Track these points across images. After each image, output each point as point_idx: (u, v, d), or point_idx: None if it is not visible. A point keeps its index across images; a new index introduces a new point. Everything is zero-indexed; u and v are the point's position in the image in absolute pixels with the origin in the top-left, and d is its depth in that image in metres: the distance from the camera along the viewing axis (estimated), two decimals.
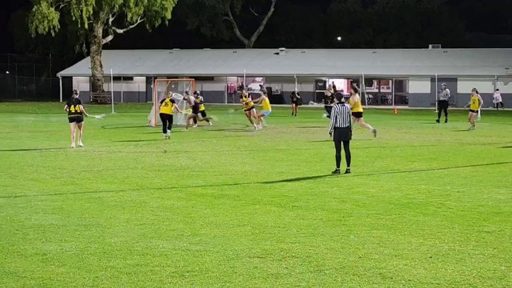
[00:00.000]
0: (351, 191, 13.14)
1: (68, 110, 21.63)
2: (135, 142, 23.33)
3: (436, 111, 36.22)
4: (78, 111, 21.42)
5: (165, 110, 25.18)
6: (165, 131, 24.55)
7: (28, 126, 31.00)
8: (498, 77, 55.65)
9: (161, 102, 25.94)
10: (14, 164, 17.22)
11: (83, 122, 21.75)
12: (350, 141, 15.97)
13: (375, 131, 24.53)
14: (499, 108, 51.91)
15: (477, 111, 29.74)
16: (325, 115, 31.09)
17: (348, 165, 15.66)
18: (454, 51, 63.01)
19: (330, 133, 15.94)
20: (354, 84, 31.70)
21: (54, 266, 7.92)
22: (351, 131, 15.88)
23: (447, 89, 34.59)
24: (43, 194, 12.71)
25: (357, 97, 24.81)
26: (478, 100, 29.57)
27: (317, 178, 14.88)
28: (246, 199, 12.27)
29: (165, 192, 13.04)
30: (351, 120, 15.84)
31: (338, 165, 15.56)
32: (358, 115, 24.36)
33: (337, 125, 15.55)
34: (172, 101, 25.61)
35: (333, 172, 15.56)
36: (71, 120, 21.44)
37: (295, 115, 40.08)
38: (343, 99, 15.92)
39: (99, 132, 27.75)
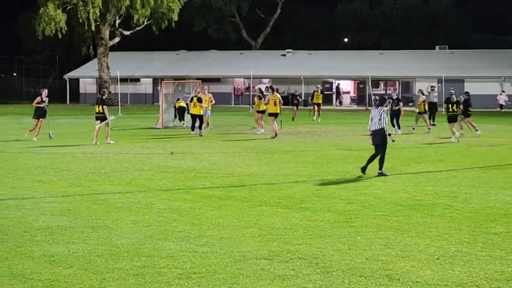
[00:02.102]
0: (358, 193, 13.12)
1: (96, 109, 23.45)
2: (141, 144, 23.38)
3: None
4: (101, 111, 23.15)
5: (194, 110, 27.38)
6: (193, 129, 27.42)
7: None
8: (505, 78, 55.51)
9: (190, 101, 27.98)
10: (22, 165, 17.26)
11: (107, 121, 23.28)
12: (386, 144, 15.51)
13: (262, 133, 27.24)
14: (502, 110, 51.79)
15: (425, 112, 29.51)
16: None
17: (380, 168, 15.43)
18: (461, 52, 62.87)
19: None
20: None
21: (62, 267, 7.94)
22: (391, 133, 15.60)
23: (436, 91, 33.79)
24: (50, 196, 12.72)
25: (270, 97, 26.41)
26: (423, 102, 29.37)
27: (324, 180, 14.86)
28: (252, 201, 12.27)
29: (171, 194, 13.05)
30: (385, 122, 15.30)
31: (367, 162, 15.45)
32: (268, 115, 26.38)
33: (370, 127, 15.57)
34: (199, 100, 27.40)
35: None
36: (96, 119, 23.30)
37: (294, 119, 36.15)
38: (386, 103, 15.93)
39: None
